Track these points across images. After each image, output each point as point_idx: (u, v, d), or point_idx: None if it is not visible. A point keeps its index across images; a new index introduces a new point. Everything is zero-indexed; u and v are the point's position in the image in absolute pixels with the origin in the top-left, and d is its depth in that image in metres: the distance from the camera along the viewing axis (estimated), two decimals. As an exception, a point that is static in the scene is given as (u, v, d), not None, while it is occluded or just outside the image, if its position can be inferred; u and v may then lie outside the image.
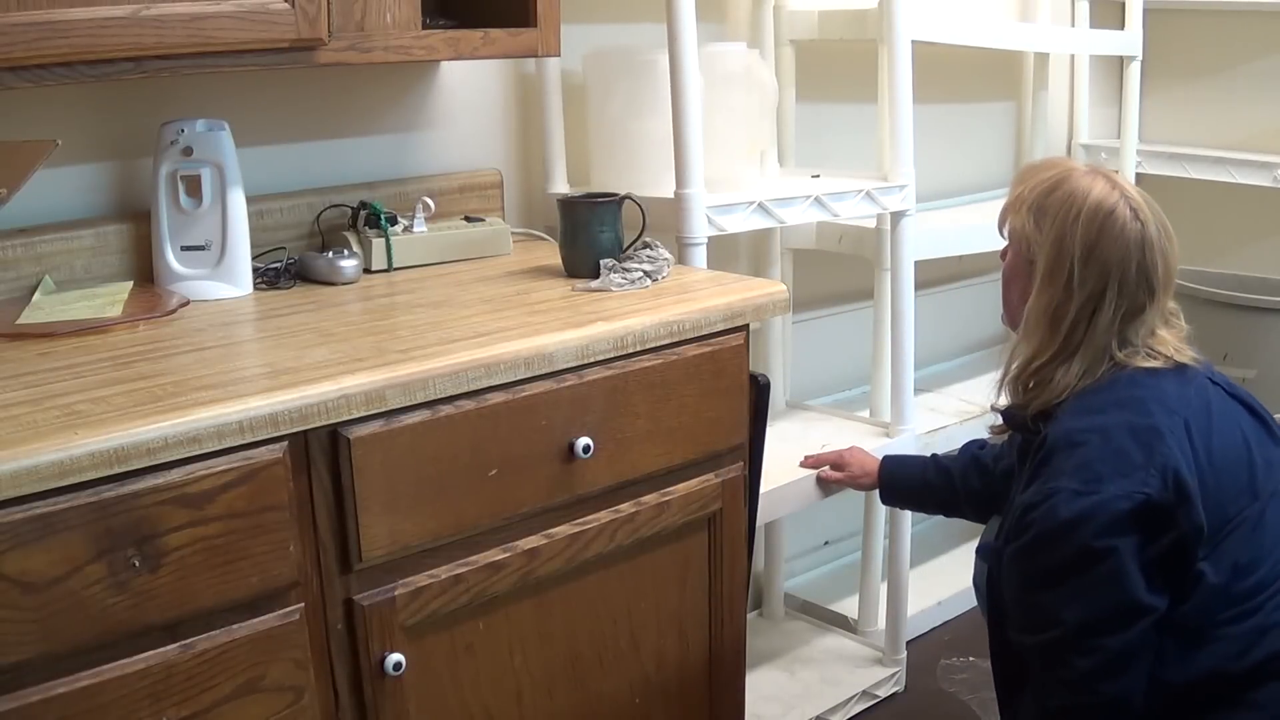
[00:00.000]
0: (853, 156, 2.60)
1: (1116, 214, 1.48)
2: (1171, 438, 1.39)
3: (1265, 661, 1.41)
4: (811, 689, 2.50)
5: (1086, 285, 1.47)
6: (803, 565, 2.93)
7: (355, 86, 2.00)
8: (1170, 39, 3.23)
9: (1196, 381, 1.49)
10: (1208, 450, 1.41)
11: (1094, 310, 1.48)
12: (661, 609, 1.73)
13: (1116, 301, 1.48)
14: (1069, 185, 1.51)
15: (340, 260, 1.82)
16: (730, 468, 1.77)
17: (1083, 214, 1.48)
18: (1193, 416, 1.43)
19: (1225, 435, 1.45)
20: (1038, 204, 1.52)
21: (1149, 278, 1.50)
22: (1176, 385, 1.47)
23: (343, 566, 1.39)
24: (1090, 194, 1.49)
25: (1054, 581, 1.42)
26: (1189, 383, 1.48)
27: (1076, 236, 1.47)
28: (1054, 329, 1.49)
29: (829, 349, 2.83)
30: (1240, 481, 1.44)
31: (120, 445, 1.18)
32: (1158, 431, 1.40)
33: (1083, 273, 1.47)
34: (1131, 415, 1.42)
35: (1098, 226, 1.47)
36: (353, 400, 1.34)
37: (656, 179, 2.05)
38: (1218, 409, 1.47)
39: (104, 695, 1.21)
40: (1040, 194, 1.52)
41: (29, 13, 1.36)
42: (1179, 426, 1.41)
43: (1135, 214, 1.49)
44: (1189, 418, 1.43)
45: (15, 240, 1.67)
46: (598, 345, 1.54)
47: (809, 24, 2.49)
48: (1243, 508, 1.43)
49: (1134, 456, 1.38)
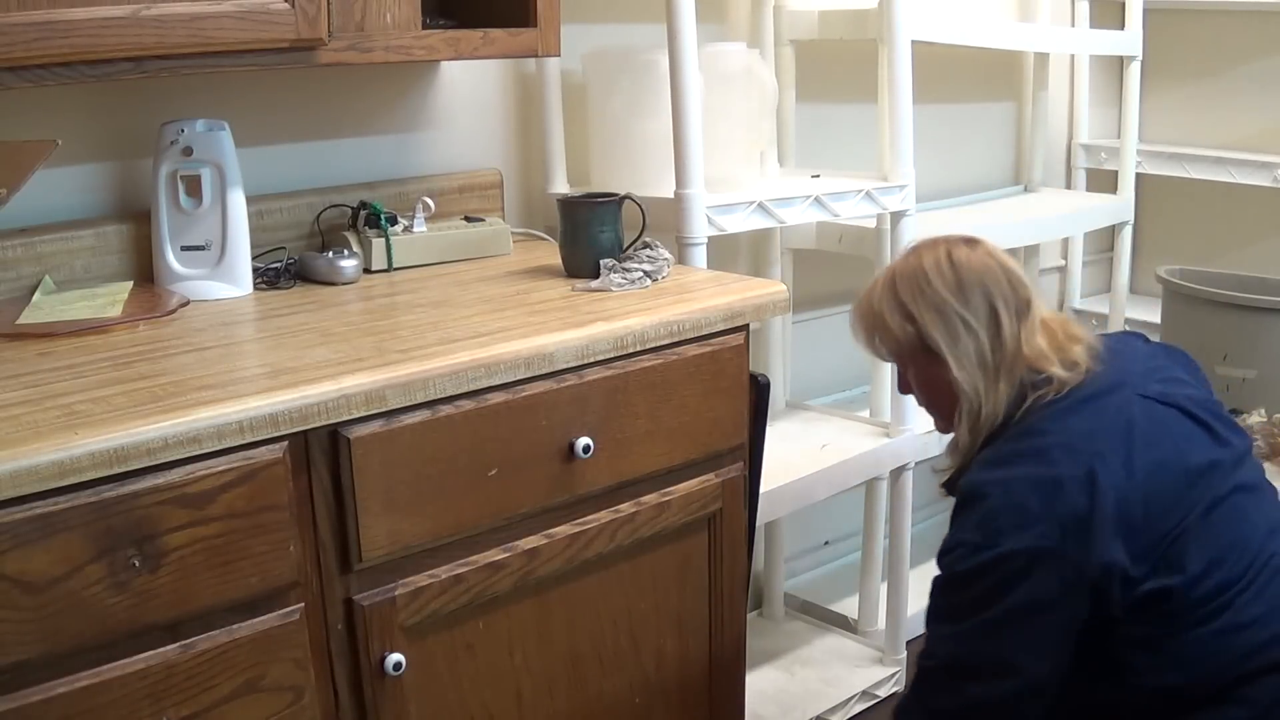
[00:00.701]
0: (853, 156, 2.60)
1: (953, 253, 1.56)
2: (1072, 484, 1.40)
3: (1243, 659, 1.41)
4: (811, 689, 2.49)
5: (979, 313, 1.53)
6: (803, 565, 2.93)
7: (355, 86, 2.00)
8: (1170, 39, 3.23)
9: (1115, 404, 1.49)
10: (1130, 474, 1.42)
11: (996, 326, 1.53)
12: (661, 609, 1.73)
13: (1006, 306, 1.53)
14: (903, 273, 1.58)
15: (340, 260, 1.82)
16: (730, 468, 1.77)
17: (929, 273, 1.55)
18: (1105, 450, 1.43)
19: (1152, 451, 1.45)
20: (894, 307, 1.57)
21: (1015, 275, 1.56)
22: (1089, 419, 1.47)
23: (343, 566, 1.39)
24: (923, 261, 1.56)
25: (946, 618, 1.47)
26: (1104, 410, 1.48)
27: (940, 289, 1.54)
28: (984, 369, 1.53)
29: (829, 349, 2.82)
30: (1175, 492, 1.44)
31: (120, 445, 1.18)
32: (1057, 482, 1.41)
33: (968, 305, 1.53)
34: (1032, 466, 1.44)
35: (949, 269, 1.54)
36: (353, 400, 1.34)
37: (656, 179, 2.05)
38: (1142, 427, 1.46)
39: (104, 695, 1.22)
40: (889, 301, 1.57)
41: (29, 13, 1.36)
42: (1082, 471, 1.41)
43: (965, 242, 1.58)
44: (1099, 453, 1.43)
45: (15, 240, 1.67)
46: (598, 345, 1.55)
47: (809, 24, 2.49)
48: (1184, 516, 1.43)
49: (1033, 509, 1.40)
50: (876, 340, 1.62)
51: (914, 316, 1.54)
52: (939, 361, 1.54)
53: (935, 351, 1.54)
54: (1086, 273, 3.38)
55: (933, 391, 1.60)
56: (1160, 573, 1.41)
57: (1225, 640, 1.41)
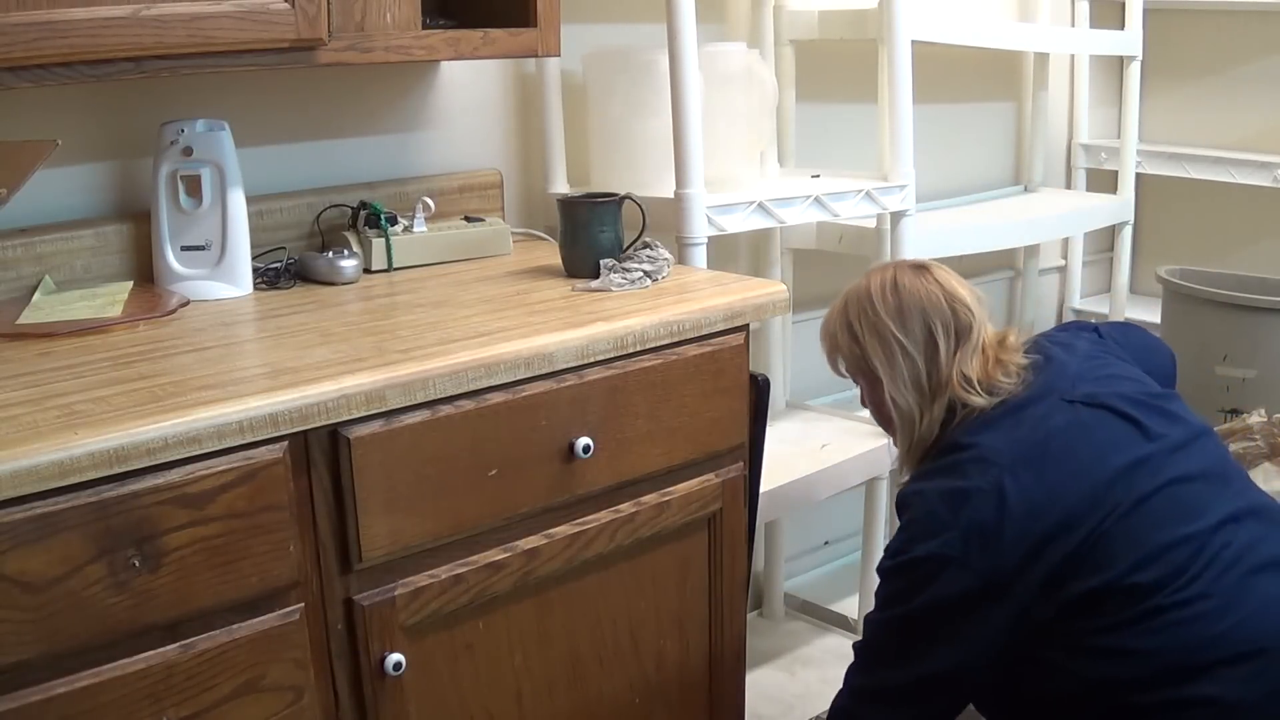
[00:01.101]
0: (853, 156, 2.60)
1: (898, 278, 1.62)
2: (979, 496, 1.46)
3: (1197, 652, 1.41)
4: (811, 689, 2.49)
5: (916, 336, 1.60)
6: (803, 565, 2.93)
7: (355, 86, 2.00)
8: (1170, 39, 3.23)
9: (1035, 415, 1.54)
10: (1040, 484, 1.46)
11: (934, 351, 1.59)
12: (661, 609, 1.73)
13: (944, 332, 1.59)
14: (854, 295, 1.65)
15: (340, 260, 1.82)
16: (730, 468, 1.77)
17: (874, 298, 1.62)
18: (1016, 462, 1.48)
19: (1067, 459, 1.49)
20: (844, 327, 1.65)
21: (960, 299, 1.62)
22: (1005, 432, 1.53)
23: (343, 566, 1.39)
24: (870, 284, 1.64)
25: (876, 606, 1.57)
26: (1020, 424, 1.53)
27: (882, 314, 1.61)
28: (919, 391, 1.60)
29: (829, 349, 2.82)
30: (1093, 495, 1.46)
31: (120, 445, 1.18)
32: (965, 493, 1.48)
33: (906, 330, 1.60)
34: (946, 480, 1.52)
35: (893, 296, 1.61)
36: (353, 400, 1.34)
37: (656, 179, 2.05)
38: (1059, 436, 1.51)
39: (104, 695, 1.22)
40: (842, 322, 1.66)
41: (29, 13, 1.36)
42: (990, 483, 1.47)
43: (914, 268, 1.65)
44: (1009, 466, 1.48)
45: (15, 240, 1.67)
46: (598, 345, 1.55)
47: (809, 24, 2.49)
48: (1103, 518, 1.45)
49: (942, 518, 1.48)
50: (834, 358, 1.70)
51: (858, 338, 1.63)
52: (879, 380, 1.62)
53: (874, 372, 1.62)
54: (1086, 273, 3.38)
55: (876, 407, 1.68)
56: (1085, 575, 1.44)
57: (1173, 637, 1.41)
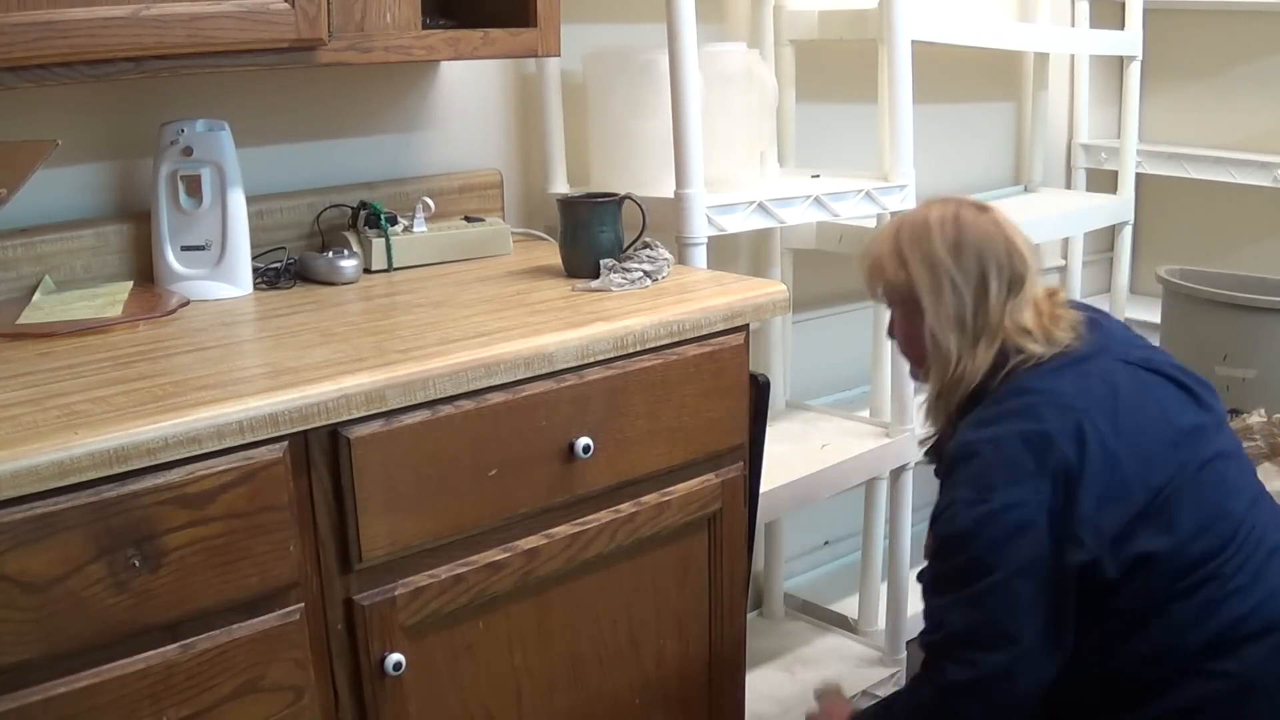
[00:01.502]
0: (853, 156, 2.60)
1: (961, 214, 1.58)
2: (1063, 439, 1.42)
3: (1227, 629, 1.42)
4: (811, 689, 2.49)
5: (969, 275, 1.54)
6: (803, 565, 2.93)
7: (355, 86, 2.00)
8: (1170, 39, 3.23)
9: (1099, 368, 1.51)
10: (1116, 433, 1.44)
11: (984, 292, 1.54)
12: (661, 609, 1.73)
13: (998, 276, 1.54)
14: (909, 222, 1.61)
15: (340, 260, 1.82)
16: (730, 468, 1.77)
17: (933, 228, 1.57)
18: (1093, 406, 1.45)
19: (1139, 410, 1.47)
20: (893, 252, 1.59)
21: (1017, 248, 1.57)
22: (1073, 380, 1.49)
23: (343, 566, 1.39)
24: (930, 214, 1.59)
25: (948, 587, 1.46)
26: (1088, 374, 1.50)
27: (938, 246, 1.55)
28: (960, 329, 1.55)
29: (829, 349, 2.83)
30: (1163, 451, 1.45)
31: (120, 445, 1.18)
32: (1047, 436, 1.43)
33: (959, 267, 1.55)
34: (1024, 423, 1.46)
35: (952, 229, 1.56)
36: (353, 400, 1.34)
37: (656, 179, 2.05)
38: (1127, 390, 1.49)
39: (104, 695, 1.22)
40: (890, 246, 1.60)
41: (29, 13, 1.36)
42: (1071, 426, 1.43)
43: (976, 207, 1.60)
44: (1087, 410, 1.45)
45: (15, 240, 1.67)
46: (598, 345, 1.54)
47: (809, 24, 2.49)
48: (1173, 474, 1.44)
49: (1026, 464, 1.42)
50: (872, 283, 1.65)
51: (906, 264, 1.57)
52: (919, 312, 1.56)
53: (916, 301, 1.56)
54: (1086, 273, 3.38)
55: (909, 340, 1.62)
56: (1150, 534, 1.41)
57: (1210, 611, 1.42)
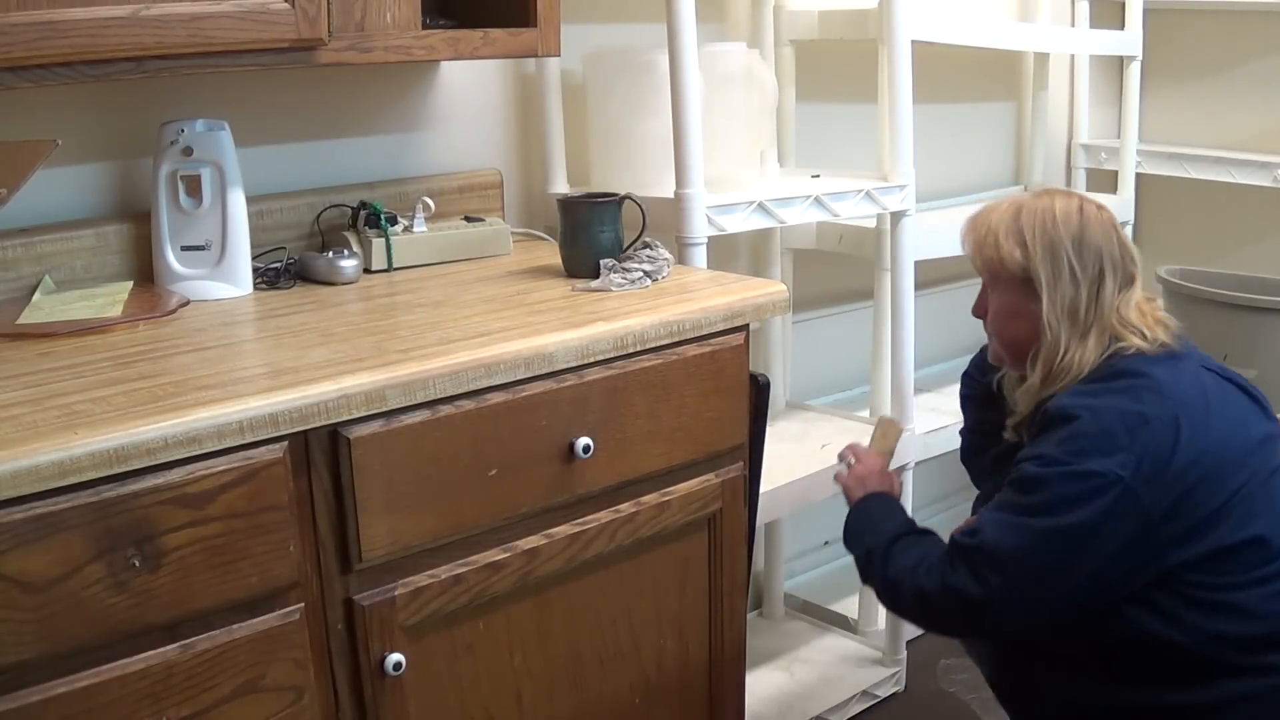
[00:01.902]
0: (853, 156, 2.60)
1: (1085, 209, 1.62)
2: (1158, 424, 1.48)
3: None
4: (811, 689, 2.49)
5: (1088, 270, 1.59)
6: (803, 565, 2.93)
7: (355, 86, 2.00)
8: (1170, 39, 3.23)
9: (1190, 368, 1.58)
10: (1206, 431, 1.49)
11: (1099, 287, 1.59)
12: (661, 609, 1.73)
13: (1114, 273, 1.60)
14: (1031, 206, 1.64)
15: (340, 260, 1.82)
16: (730, 468, 1.77)
17: (1058, 218, 1.61)
18: (1188, 400, 1.51)
19: (1223, 415, 1.54)
20: (1011, 232, 1.62)
21: (1129, 250, 1.63)
22: (1171, 372, 1.55)
23: (343, 566, 1.39)
24: (1055, 203, 1.63)
25: (1007, 508, 1.52)
26: (1182, 371, 1.56)
27: (1063, 236, 1.60)
28: (1073, 320, 1.59)
29: (829, 349, 2.83)
30: (1241, 454, 1.52)
31: (120, 445, 1.18)
32: (1144, 418, 1.48)
33: (1080, 261, 1.59)
34: (1125, 400, 1.51)
35: (1077, 222, 1.61)
36: (353, 400, 1.34)
37: (656, 179, 2.05)
38: (1214, 392, 1.56)
39: (104, 695, 1.22)
40: (1008, 224, 1.63)
41: (29, 13, 1.36)
42: (1168, 414, 1.49)
43: (1096, 206, 1.64)
44: (1183, 402, 1.51)
45: (15, 240, 1.67)
46: (598, 345, 1.54)
47: (809, 24, 2.49)
48: (1246, 480, 1.50)
49: (1119, 438, 1.47)
50: (978, 254, 1.67)
51: (1027, 246, 1.60)
52: (1033, 297, 1.60)
53: (1034, 286, 1.60)
54: (1087, 273, 3.38)
55: (1009, 323, 1.66)
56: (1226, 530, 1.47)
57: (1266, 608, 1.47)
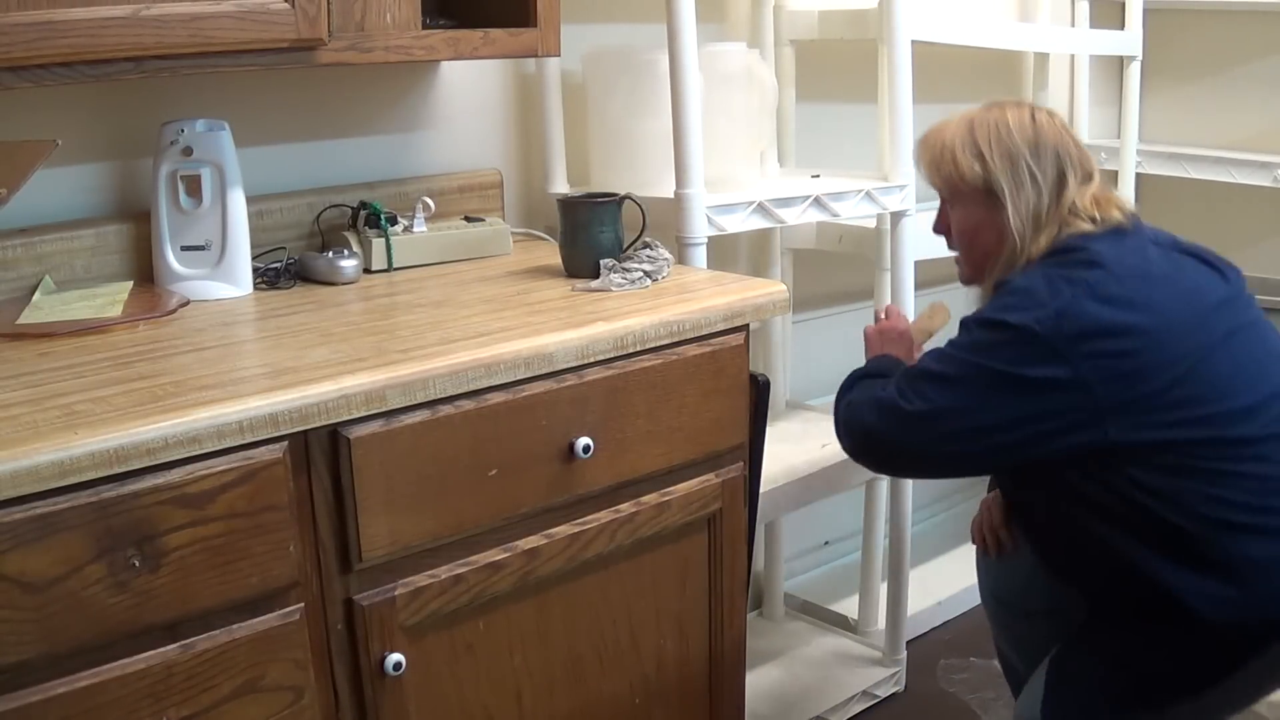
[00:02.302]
0: (853, 156, 2.60)
1: (1036, 116, 1.68)
2: (1083, 284, 1.52)
3: None
4: (811, 689, 2.49)
5: (1048, 174, 1.64)
6: (803, 565, 2.93)
7: (355, 86, 2.00)
8: (1170, 39, 3.23)
9: (1134, 243, 1.62)
10: (1149, 291, 1.54)
11: (1061, 187, 1.64)
12: (661, 609, 1.73)
13: (1074, 174, 1.65)
14: (984, 119, 1.68)
15: (340, 260, 1.82)
16: (730, 468, 1.77)
17: (1012, 127, 1.66)
18: (1125, 266, 1.56)
19: (1169, 283, 1.57)
20: (968, 145, 1.67)
21: (1084, 149, 1.69)
22: (1111, 245, 1.59)
23: (343, 566, 1.39)
24: (1006, 114, 1.68)
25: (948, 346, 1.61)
26: (1125, 244, 1.60)
27: (1019, 144, 1.65)
28: (1036, 224, 1.64)
29: (829, 349, 2.82)
30: (1197, 315, 1.55)
31: (120, 445, 1.18)
32: (1069, 279, 1.53)
33: (1039, 166, 1.64)
34: (1054, 269, 1.57)
35: (1030, 129, 1.66)
36: (353, 400, 1.34)
37: (656, 179, 2.05)
38: (1160, 263, 1.59)
39: (104, 695, 1.22)
40: (963, 138, 1.68)
41: (29, 13, 1.36)
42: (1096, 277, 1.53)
43: (1047, 112, 1.70)
44: (1119, 267, 1.55)
45: (15, 240, 1.67)
46: (598, 345, 1.55)
47: (809, 24, 2.49)
48: (1209, 336, 1.54)
49: (1038, 295, 1.53)
50: (936, 172, 1.71)
51: (985, 159, 1.65)
52: (996, 206, 1.64)
53: (996, 195, 1.64)
54: (1086, 273, 3.38)
55: (973, 235, 1.70)
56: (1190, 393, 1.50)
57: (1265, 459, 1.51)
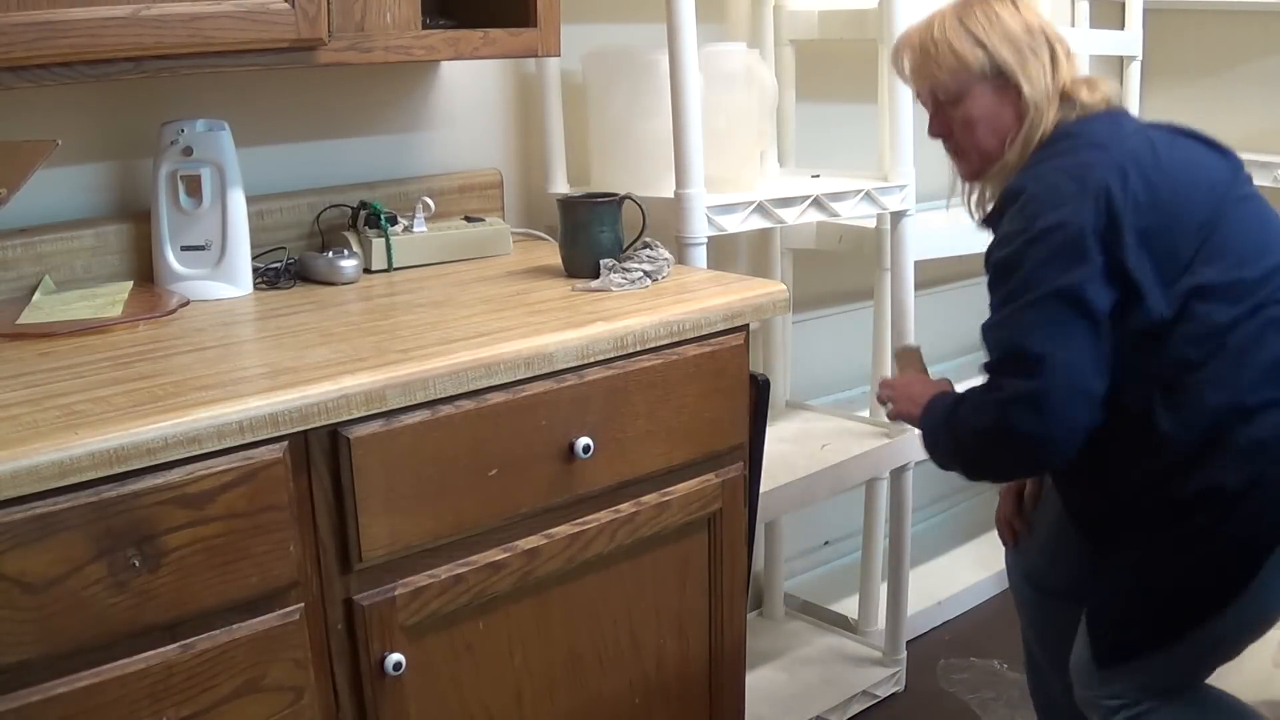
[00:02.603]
0: (853, 156, 2.60)
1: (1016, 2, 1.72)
2: (1102, 168, 1.53)
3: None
4: (811, 689, 2.49)
5: (1040, 50, 1.68)
6: (803, 565, 2.93)
7: (355, 86, 2.00)
8: (1170, 39, 3.23)
9: (1132, 123, 1.67)
10: (1157, 170, 1.55)
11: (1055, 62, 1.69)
12: (661, 609, 1.73)
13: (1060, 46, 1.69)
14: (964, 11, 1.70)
15: (340, 260, 1.82)
16: (730, 468, 1.77)
17: (999, 12, 1.69)
18: (1130, 146, 1.58)
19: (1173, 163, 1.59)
20: (962, 35, 1.69)
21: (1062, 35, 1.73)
22: (1110, 126, 1.63)
23: (343, 566, 1.39)
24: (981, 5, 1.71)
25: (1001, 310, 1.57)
26: (1123, 124, 1.65)
27: (1010, 26, 1.68)
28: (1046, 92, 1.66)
29: (829, 349, 2.83)
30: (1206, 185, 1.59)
31: (120, 445, 1.18)
32: (1089, 165, 1.55)
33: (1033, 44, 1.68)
34: (1065, 160, 1.58)
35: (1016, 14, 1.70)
36: (353, 400, 1.34)
37: (656, 179, 2.05)
38: (1162, 141, 1.62)
39: (104, 695, 1.22)
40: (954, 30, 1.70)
41: (29, 13, 1.36)
42: (1110, 160, 1.55)
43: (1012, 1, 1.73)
44: (1125, 148, 1.57)
45: (15, 240, 1.67)
46: (598, 345, 1.55)
47: (809, 24, 2.49)
48: (1217, 204, 1.57)
49: (1064, 189, 1.53)
50: (937, 69, 1.71)
51: (985, 44, 1.67)
52: (1007, 87, 1.66)
53: (1004, 75, 1.66)
54: (1086, 273, 3.38)
55: (988, 122, 1.70)
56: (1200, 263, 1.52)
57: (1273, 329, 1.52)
